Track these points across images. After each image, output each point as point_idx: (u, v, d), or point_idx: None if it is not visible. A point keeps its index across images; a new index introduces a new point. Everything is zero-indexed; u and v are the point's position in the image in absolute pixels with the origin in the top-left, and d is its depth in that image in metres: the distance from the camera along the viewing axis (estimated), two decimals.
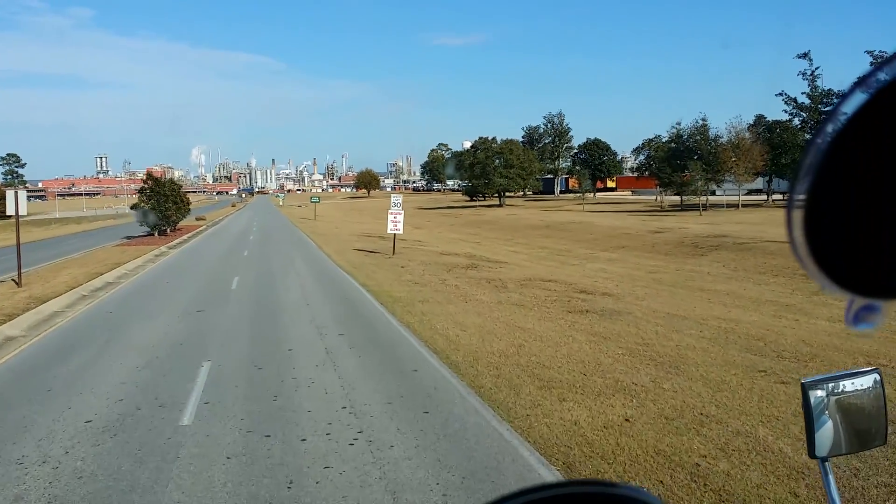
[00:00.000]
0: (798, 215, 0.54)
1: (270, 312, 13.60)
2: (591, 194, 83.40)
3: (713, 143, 59.23)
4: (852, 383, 1.72)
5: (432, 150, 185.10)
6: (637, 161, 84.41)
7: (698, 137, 60.67)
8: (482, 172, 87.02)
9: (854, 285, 0.56)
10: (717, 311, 15.01)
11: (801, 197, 0.53)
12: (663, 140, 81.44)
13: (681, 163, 60.75)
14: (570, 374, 8.66)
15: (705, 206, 56.99)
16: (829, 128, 0.51)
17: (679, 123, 63.23)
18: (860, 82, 0.50)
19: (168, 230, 40.29)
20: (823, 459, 1.71)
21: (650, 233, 39.73)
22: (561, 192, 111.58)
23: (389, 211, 26.52)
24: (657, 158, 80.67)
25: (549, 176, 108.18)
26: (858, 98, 0.50)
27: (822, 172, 0.52)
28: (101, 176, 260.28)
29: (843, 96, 0.51)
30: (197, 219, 59.26)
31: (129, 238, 38.55)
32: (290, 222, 57.26)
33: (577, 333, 11.43)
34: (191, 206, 45.59)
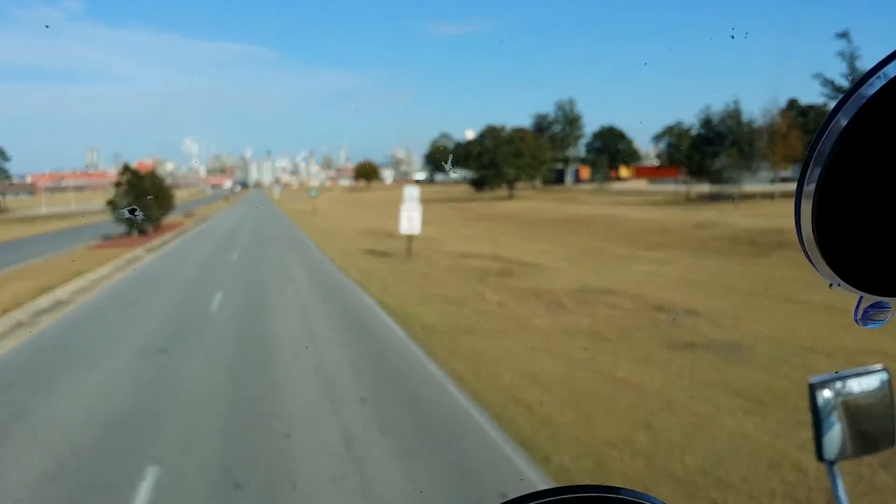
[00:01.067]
0: (807, 207, 0.52)
1: (259, 355, 9.99)
2: (603, 184, 79.62)
3: (748, 128, 55.45)
4: (859, 383, 1.66)
5: (434, 141, 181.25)
6: (657, 149, 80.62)
7: (730, 122, 56.86)
8: (491, 162, 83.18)
9: (864, 283, 0.54)
10: (847, 338, 11.40)
11: (811, 188, 0.51)
12: (685, 127, 77.69)
13: (711, 150, 57.01)
14: None
15: (734, 197, 53.34)
16: (844, 114, 0.48)
17: (708, 107, 59.30)
18: (872, 73, 0.47)
19: (150, 228, 36.62)
20: (831, 463, 1.65)
21: (692, 228, 36.12)
22: (574, 181, 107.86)
23: (403, 206, 22.92)
24: (678, 146, 76.97)
25: (559, 166, 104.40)
26: (877, 82, 0.47)
27: (834, 162, 0.49)
28: (90, 169, 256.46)
29: (862, 79, 0.48)
30: (185, 215, 55.58)
31: (105, 238, 34.92)
32: (286, 218, 53.60)
33: (714, 393, 7.84)
34: (180, 202, 42.14)
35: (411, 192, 23.03)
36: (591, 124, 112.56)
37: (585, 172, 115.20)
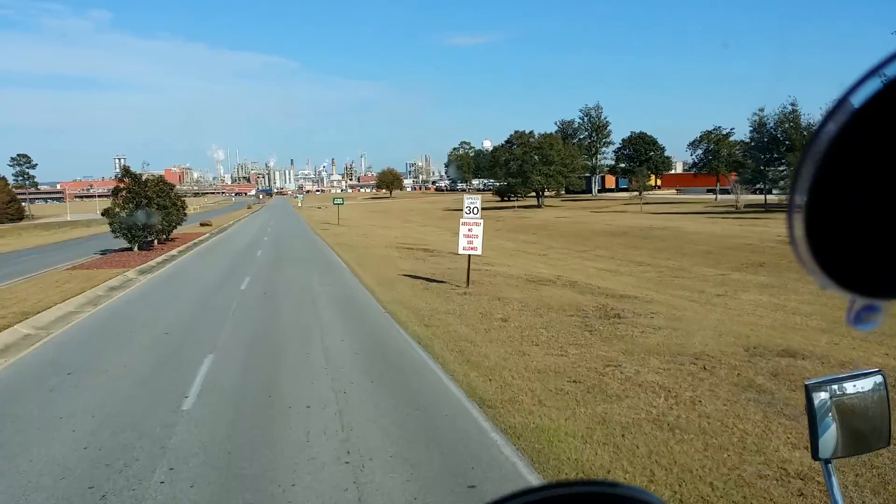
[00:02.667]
0: (799, 215, 0.52)
1: None
2: (642, 193, 73.29)
3: (808, 132, 48.77)
4: (855, 385, 1.65)
5: (454, 149, 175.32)
6: (694, 156, 73.96)
7: (788, 126, 50.14)
8: (519, 170, 76.98)
9: (855, 285, 0.55)
10: None
11: (802, 196, 0.52)
12: (724, 131, 71.17)
13: (767, 156, 50.35)
14: None
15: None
16: (830, 127, 0.49)
17: (762, 110, 52.59)
18: (861, 81, 0.48)
19: (155, 241, 30.83)
20: (826, 461, 1.65)
21: (780, 243, 29.81)
22: (599, 190, 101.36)
23: (462, 220, 16.87)
24: (717, 152, 70.65)
25: (585, 174, 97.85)
26: (859, 97, 0.48)
27: (822, 172, 0.51)
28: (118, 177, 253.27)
29: (844, 95, 0.49)
30: (201, 224, 50.07)
31: (103, 253, 29.21)
32: (309, 228, 47.75)
33: None
34: (203, 209, 36.50)
35: (472, 201, 16.95)
36: (617, 131, 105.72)
37: (611, 181, 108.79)
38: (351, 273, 20.45)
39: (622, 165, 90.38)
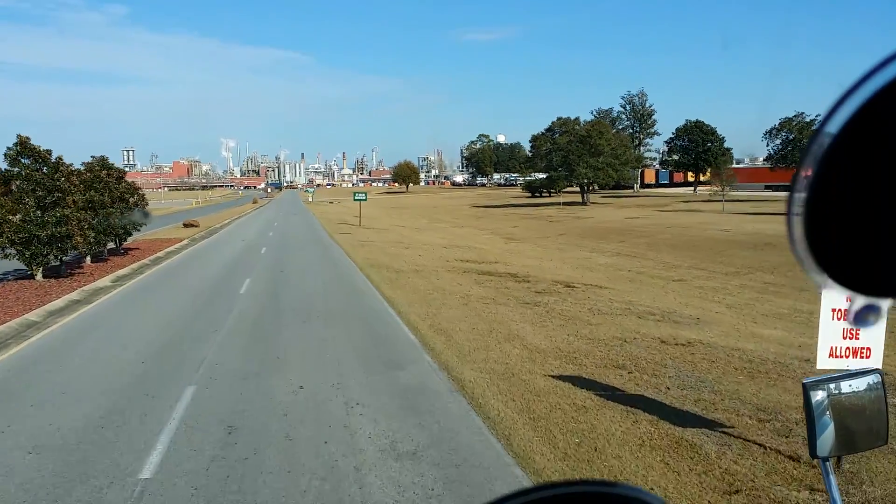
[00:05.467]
0: (798, 213, 0.52)
1: None
2: (725, 189, 61.38)
3: None
4: (851, 384, 1.60)
5: (471, 143, 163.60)
6: (771, 147, 62.10)
7: None
8: (563, 161, 65.08)
9: (855, 284, 0.54)
10: None
11: (802, 194, 0.51)
12: (808, 118, 59.22)
13: None
14: None
15: None
16: (831, 124, 0.49)
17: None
18: (863, 80, 0.48)
19: (88, 258, 19.27)
20: (825, 459, 1.60)
21: None
22: (640, 186, 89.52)
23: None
24: (797, 142, 58.73)
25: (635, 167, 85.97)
26: (861, 95, 0.47)
27: (823, 170, 0.50)
28: (127, 169, 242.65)
29: (846, 93, 0.48)
30: (185, 225, 38.45)
31: (1, 278, 17.77)
32: (324, 232, 36.05)
33: None
34: (205, 203, 24.88)
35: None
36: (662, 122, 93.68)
37: (650, 176, 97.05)
38: (438, 370, 8.77)
39: (675, 157, 78.34)
